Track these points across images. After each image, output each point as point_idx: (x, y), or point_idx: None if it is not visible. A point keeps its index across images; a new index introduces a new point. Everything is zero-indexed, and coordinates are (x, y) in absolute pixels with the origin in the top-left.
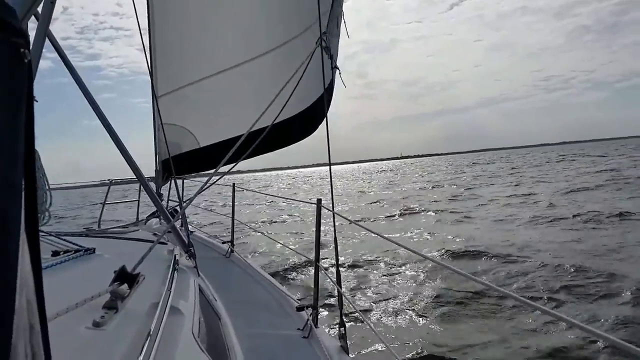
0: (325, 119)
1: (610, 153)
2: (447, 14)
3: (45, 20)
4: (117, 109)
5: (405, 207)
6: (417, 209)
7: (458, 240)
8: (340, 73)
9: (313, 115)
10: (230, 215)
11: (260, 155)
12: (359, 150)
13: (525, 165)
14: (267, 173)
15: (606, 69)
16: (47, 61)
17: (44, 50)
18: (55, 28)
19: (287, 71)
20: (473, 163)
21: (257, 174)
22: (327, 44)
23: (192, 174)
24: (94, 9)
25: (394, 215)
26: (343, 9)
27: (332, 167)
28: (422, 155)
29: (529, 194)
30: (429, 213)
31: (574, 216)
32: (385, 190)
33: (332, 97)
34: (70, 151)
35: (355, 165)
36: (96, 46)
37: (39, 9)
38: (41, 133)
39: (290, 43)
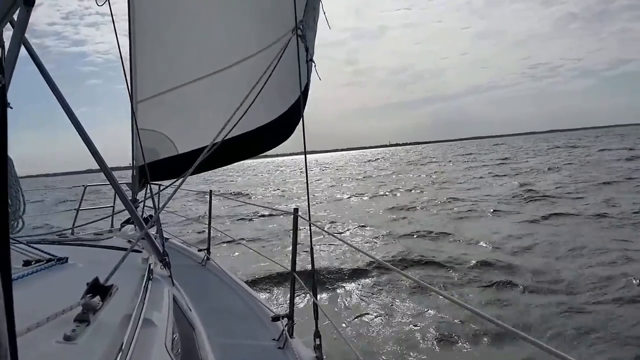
0: (301, 119)
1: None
2: (435, 1)
3: (20, 27)
4: (102, 95)
5: None
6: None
7: None
8: (315, 66)
9: (290, 116)
10: (207, 223)
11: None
12: (347, 138)
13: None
14: (257, 161)
15: (594, 57)
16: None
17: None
18: (40, 14)
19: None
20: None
21: (247, 161)
22: (303, 33)
23: (169, 181)
24: None
25: None
26: (322, 3)
27: (319, 154)
28: (411, 143)
29: None
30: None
31: None
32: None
33: (308, 96)
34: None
35: (345, 153)
36: (82, 32)
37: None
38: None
39: (270, 49)
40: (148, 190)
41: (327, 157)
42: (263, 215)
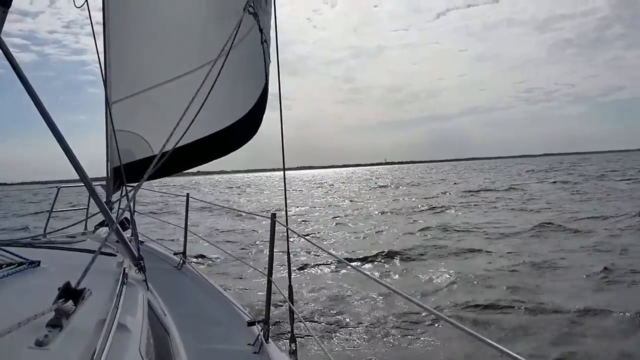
0: (280, 113)
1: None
2: (433, 22)
3: None
4: (100, 104)
5: None
6: None
7: None
8: (268, 48)
9: (257, 108)
10: (184, 226)
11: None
12: (344, 155)
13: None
14: (247, 175)
15: (588, 82)
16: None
17: None
18: (41, 21)
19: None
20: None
21: (236, 175)
22: (255, 11)
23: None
24: (81, 3)
25: None
26: None
27: (320, 170)
28: (406, 162)
29: None
30: None
31: None
32: None
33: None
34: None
35: (342, 170)
36: (82, 41)
37: None
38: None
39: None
40: (123, 192)
41: (325, 173)
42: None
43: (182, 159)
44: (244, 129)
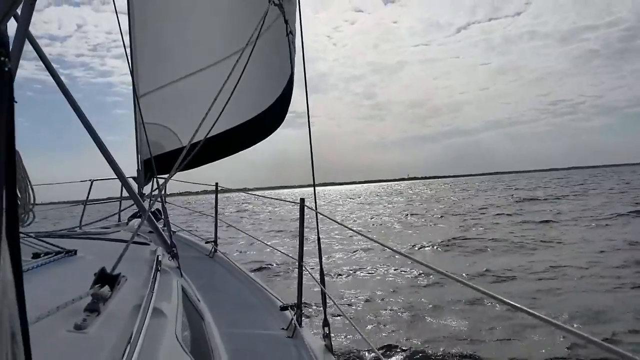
0: (307, 110)
1: None
2: (453, 37)
3: (24, 21)
4: (127, 125)
5: None
6: None
7: None
8: (294, 40)
9: (282, 99)
10: (214, 215)
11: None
12: (365, 171)
13: None
14: (266, 192)
15: (615, 94)
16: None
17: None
18: (69, 45)
19: (266, 65)
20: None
21: (256, 192)
22: (280, 2)
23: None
24: (107, 27)
25: None
26: None
27: (338, 187)
28: (429, 177)
29: None
30: None
31: None
32: None
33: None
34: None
35: (364, 186)
36: (108, 63)
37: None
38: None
39: (252, 29)
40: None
41: (347, 189)
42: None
43: (212, 149)
44: (271, 118)
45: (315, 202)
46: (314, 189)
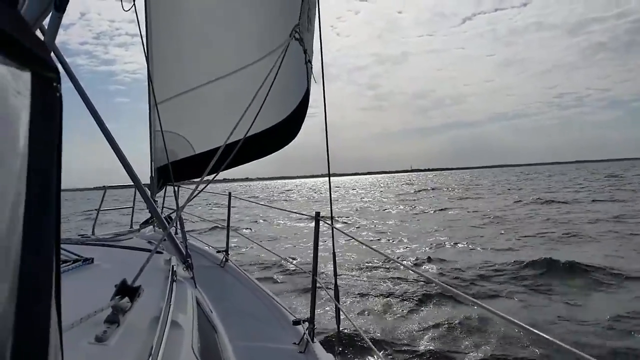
0: (325, 123)
1: None
2: (458, 28)
3: (51, 34)
4: (129, 113)
5: None
6: None
7: None
8: (312, 68)
9: (297, 115)
10: (226, 224)
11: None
12: (368, 162)
13: None
14: (273, 182)
15: (622, 87)
16: None
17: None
18: (73, 32)
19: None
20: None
21: (262, 182)
22: (300, 36)
23: (187, 181)
24: (111, 16)
25: None
26: (317, 6)
27: (340, 177)
28: (433, 169)
29: None
30: None
31: None
32: None
33: (309, 99)
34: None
35: (369, 177)
36: (111, 52)
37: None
38: None
39: (272, 54)
40: (168, 191)
41: (349, 180)
42: None
43: (235, 155)
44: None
45: (332, 218)
46: (330, 204)
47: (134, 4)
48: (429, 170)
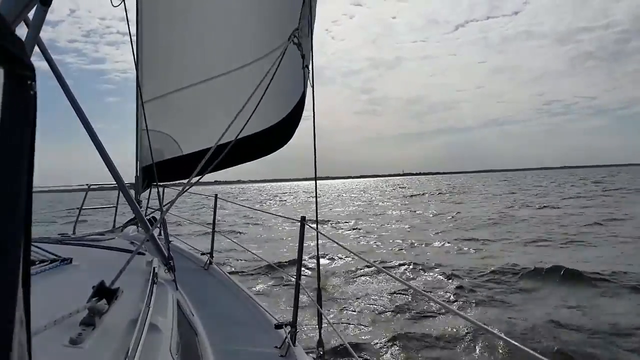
0: (313, 127)
1: None
2: (451, 34)
3: (36, 26)
4: (119, 113)
5: None
6: None
7: None
8: (309, 73)
9: (290, 120)
10: (211, 226)
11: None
12: (361, 165)
13: None
14: (264, 184)
15: (608, 95)
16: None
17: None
18: (61, 30)
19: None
20: None
21: (254, 184)
22: (299, 41)
23: (174, 182)
24: (101, 13)
25: None
26: (315, 11)
27: (335, 180)
28: (424, 173)
29: None
30: None
31: None
32: None
33: (305, 103)
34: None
35: (362, 181)
36: (102, 50)
37: (30, 15)
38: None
39: (268, 56)
40: (153, 191)
41: (341, 184)
42: None
43: (225, 157)
44: (277, 136)
45: (317, 222)
46: (316, 209)
47: (124, 0)
48: (420, 174)
